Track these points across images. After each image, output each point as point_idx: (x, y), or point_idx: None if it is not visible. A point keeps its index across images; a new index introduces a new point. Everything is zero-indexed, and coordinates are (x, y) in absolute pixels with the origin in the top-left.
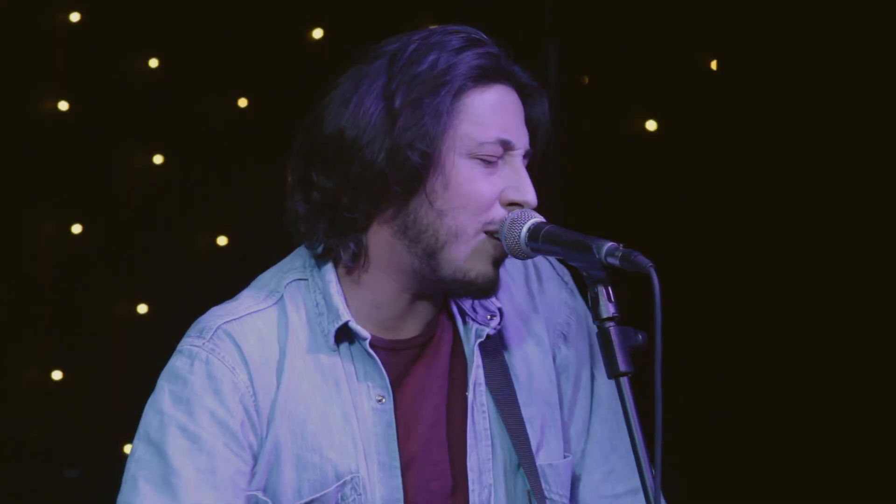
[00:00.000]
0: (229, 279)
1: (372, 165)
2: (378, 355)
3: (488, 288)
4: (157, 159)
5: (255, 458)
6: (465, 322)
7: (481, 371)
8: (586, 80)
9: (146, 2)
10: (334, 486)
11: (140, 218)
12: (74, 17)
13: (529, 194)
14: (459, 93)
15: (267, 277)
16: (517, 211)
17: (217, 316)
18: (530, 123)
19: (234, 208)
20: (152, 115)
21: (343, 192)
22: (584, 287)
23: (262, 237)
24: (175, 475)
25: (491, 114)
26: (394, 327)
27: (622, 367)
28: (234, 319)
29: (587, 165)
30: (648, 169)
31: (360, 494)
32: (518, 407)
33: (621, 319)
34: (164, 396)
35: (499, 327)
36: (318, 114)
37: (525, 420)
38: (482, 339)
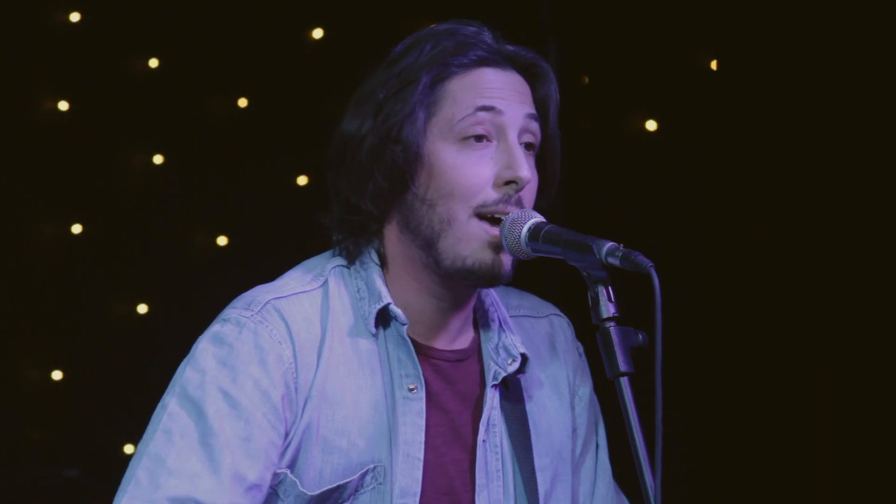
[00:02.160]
0: (229, 279)
1: (361, 161)
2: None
3: (488, 275)
4: (157, 159)
5: (289, 434)
6: (487, 361)
7: (497, 413)
8: (586, 80)
9: (146, 2)
10: (357, 474)
11: (140, 218)
12: (74, 17)
13: (521, 170)
14: (441, 80)
15: (313, 262)
16: (517, 211)
17: (266, 292)
18: (539, 104)
19: (234, 208)
20: (152, 115)
21: (351, 193)
22: (585, 287)
23: (262, 237)
24: (213, 436)
25: (469, 91)
26: (422, 333)
27: (622, 367)
28: (283, 297)
29: (587, 165)
30: (648, 169)
31: (380, 483)
32: (532, 455)
33: (621, 319)
34: (207, 357)
35: (516, 371)
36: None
37: (537, 469)
38: (496, 382)
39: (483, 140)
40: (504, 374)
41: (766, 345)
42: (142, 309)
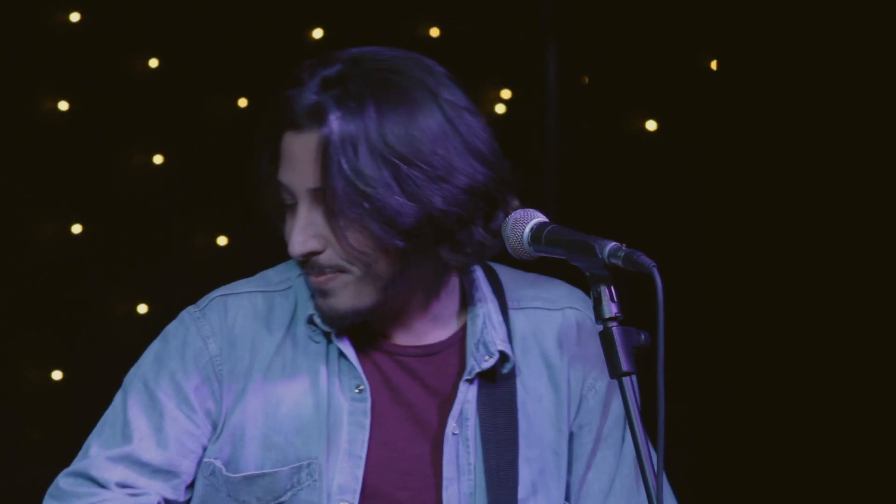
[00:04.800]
0: (229, 279)
1: None
2: (371, 355)
3: (334, 318)
4: (157, 159)
5: (216, 424)
6: (467, 357)
7: (471, 407)
8: (586, 80)
9: (146, 2)
10: (288, 467)
11: (140, 218)
12: (74, 17)
13: (291, 245)
14: (272, 147)
15: (288, 265)
16: (520, 211)
17: (223, 287)
18: (324, 152)
19: (234, 208)
20: (152, 115)
21: None
22: (587, 287)
23: (262, 237)
24: (128, 426)
25: (279, 162)
26: (388, 331)
27: (624, 366)
28: (232, 294)
29: (587, 166)
30: (648, 169)
31: (315, 480)
32: (516, 447)
33: (624, 319)
34: (149, 352)
35: (492, 368)
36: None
37: (524, 460)
38: (470, 377)
39: (290, 206)
40: (478, 370)
41: (767, 345)
42: (142, 309)
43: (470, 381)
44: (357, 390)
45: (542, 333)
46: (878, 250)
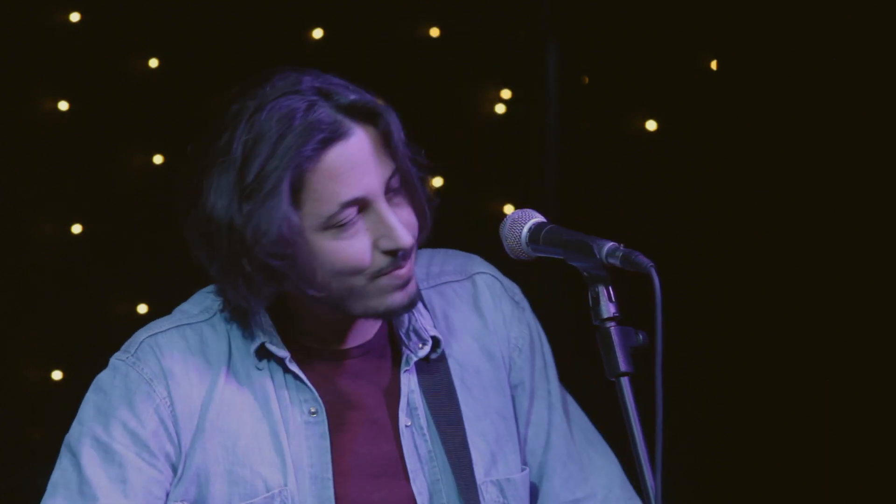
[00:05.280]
0: None
1: (244, 266)
2: (314, 366)
3: (402, 311)
4: (157, 159)
5: (175, 467)
6: (400, 347)
7: (416, 396)
8: (586, 80)
9: (146, 2)
10: (261, 496)
11: (140, 218)
12: (74, 17)
13: (400, 240)
14: (294, 178)
15: (202, 296)
16: (518, 211)
17: (145, 330)
18: (387, 142)
19: None
20: (152, 115)
21: (224, 282)
22: (585, 287)
23: None
24: (87, 485)
25: (328, 185)
26: (324, 339)
27: (622, 367)
28: (160, 332)
29: (587, 166)
30: (648, 169)
31: None
32: (462, 427)
33: (622, 319)
34: (87, 407)
35: (427, 354)
36: (198, 193)
37: (477, 434)
38: (408, 367)
39: (351, 221)
40: (415, 359)
41: (767, 345)
42: (142, 309)
43: (408, 371)
44: (311, 413)
45: (459, 306)
46: (878, 250)
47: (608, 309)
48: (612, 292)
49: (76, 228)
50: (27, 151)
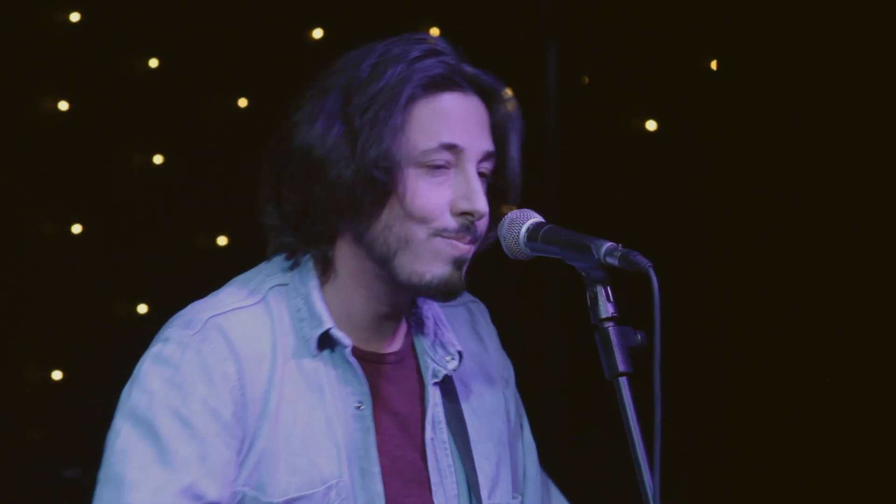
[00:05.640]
0: (229, 279)
1: (340, 183)
2: (360, 363)
3: (446, 290)
4: (157, 159)
5: (241, 451)
6: (424, 359)
7: (440, 410)
8: (586, 80)
9: (146, 2)
10: (322, 487)
11: (140, 218)
12: (74, 17)
13: (478, 203)
14: (409, 104)
15: (247, 278)
16: (516, 211)
17: (203, 310)
18: (496, 128)
19: (234, 208)
20: (152, 115)
21: (312, 206)
22: (584, 287)
23: (262, 237)
24: (171, 454)
25: (434, 121)
26: (366, 339)
27: (621, 367)
28: (221, 314)
29: (587, 165)
30: (648, 169)
31: (344, 499)
32: (471, 448)
33: (620, 319)
34: (153, 379)
35: (456, 370)
36: (288, 129)
37: (482, 457)
38: (438, 380)
39: (442, 168)
40: (445, 372)
41: (766, 345)
42: (142, 309)
43: (437, 384)
44: (358, 406)
45: (459, 329)
46: (878, 250)
47: (607, 309)
48: (610, 292)
49: (76, 228)
50: (27, 151)
